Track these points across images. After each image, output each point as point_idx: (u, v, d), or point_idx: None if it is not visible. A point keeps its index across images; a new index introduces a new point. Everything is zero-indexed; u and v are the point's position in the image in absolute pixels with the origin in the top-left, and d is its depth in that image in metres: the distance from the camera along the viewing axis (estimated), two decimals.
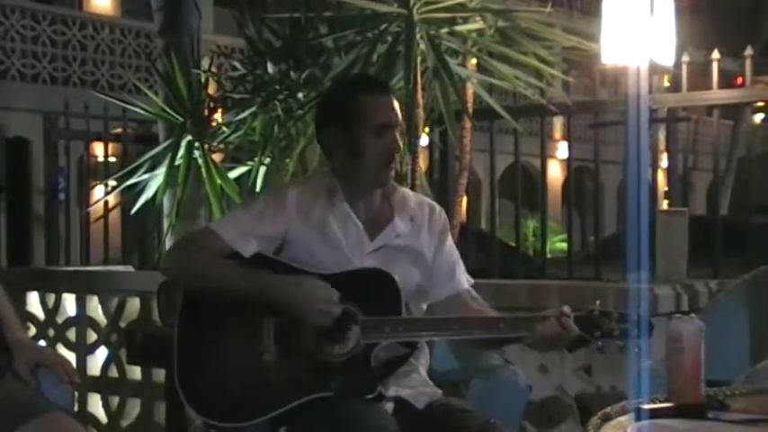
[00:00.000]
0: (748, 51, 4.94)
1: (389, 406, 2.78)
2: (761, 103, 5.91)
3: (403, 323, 2.73)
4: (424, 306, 2.97)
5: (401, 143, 2.91)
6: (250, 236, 2.83)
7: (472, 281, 3.04)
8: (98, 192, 7.07)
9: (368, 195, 2.92)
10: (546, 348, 2.81)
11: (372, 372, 2.71)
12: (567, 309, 2.70)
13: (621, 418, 2.39)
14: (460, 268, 3.02)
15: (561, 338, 2.69)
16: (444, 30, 4.81)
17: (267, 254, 2.84)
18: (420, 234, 2.94)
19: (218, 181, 5.51)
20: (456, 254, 3.04)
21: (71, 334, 5.79)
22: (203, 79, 5.86)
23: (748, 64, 4.93)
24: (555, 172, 20.26)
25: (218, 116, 5.78)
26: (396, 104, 2.91)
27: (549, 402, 4.39)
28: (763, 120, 25.84)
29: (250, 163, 5.44)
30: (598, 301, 2.74)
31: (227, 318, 2.78)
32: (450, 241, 3.03)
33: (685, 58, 5.04)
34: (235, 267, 2.78)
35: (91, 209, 6.59)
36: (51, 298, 5.90)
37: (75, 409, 4.52)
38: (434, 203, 3.06)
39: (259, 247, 2.83)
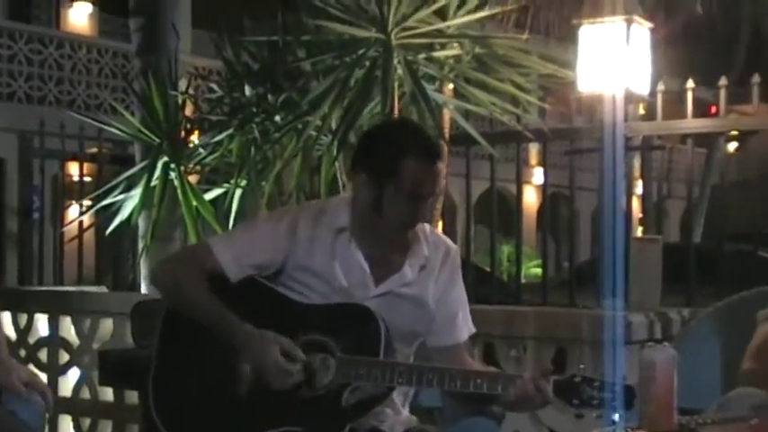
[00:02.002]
0: (722, 81, 4.98)
1: None
2: (734, 132, 5.97)
3: (379, 366, 2.65)
4: (415, 347, 2.90)
5: (431, 211, 2.82)
6: (244, 263, 2.80)
7: (474, 330, 2.97)
8: (73, 212, 7.04)
9: (378, 241, 2.82)
10: (517, 409, 2.70)
11: (342, 411, 2.65)
12: (547, 371, 2.62)
13: None
14: (464, 315, 2.94)
15: (534, 402, 2.60)
16: (422, 55, 4.84)
17: (259, 277, 2.82)
18: (428, 284, 2.85)
19: (194, 203, 5.50)
20: (462, 299, 2.95)
21: (43, 354, 5.75)
22: (180, 101, 5.85)
23: (722, 94, 4.97)
24: (530, 198, 20.32)
25: (194, 138, 5.77)
26: (441, 171, 2.78)
27: None
28: (737, 148, 26.04)
29: (226, 185, 5.43)
30: (582, 366, 2.66)
31: (204, 342, 2.76)
32: (458, 287, 2.93)
33: (660, 87, 5.07)
34: (210, 308, 2.73)
35: (65, 229, 6.55)
36: (23, 318, 5.86)
37: (46, 430, 4.48)
38: (450, 245, 2.95)
39: (252, 273, 2.80)
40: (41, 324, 5.81)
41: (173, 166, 5.56)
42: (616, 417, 2.50)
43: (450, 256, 2.92)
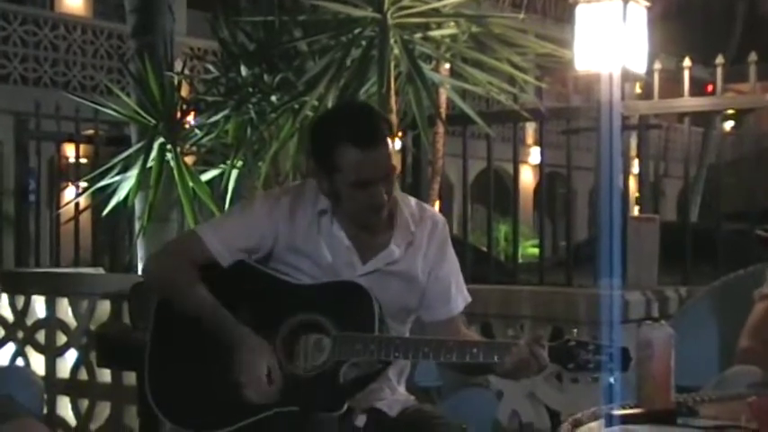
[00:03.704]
0: (719, 60, 4.98)
1: (362, 418, 2.77)
2: (731, 111, 5.96)
3: (375, 341, 2.66)
4: (410, 324, 2.90)
5: (387, 193, 2.71)
6: (234, 248, 2.79)
7: (469, 299, 2.97)
8: (69, 193, 7.03)
9: (360, 222, 2.80)
10: (515, 376, 2.71)
11: (341, 388, 2.66)
12: (540, 336, 2.63)
13: (592, 424, 2.40)
14: (458, 286, 2.93)
15: (530, 366, 2.59)
16: (418, 35, 4.82)
17: (250, 261, 2.81)
18: (416, 258, 2.84)
19: (191, 184, 5.49)
20: (455, 271, 2.94)
21: (40, 336, 5.75)
22: (176, 81, 5.84)
23: (719, 72, 4.96)
24: (527, 177, 20.33)
25: (190, 119, 5.75)
26: (385, 153, 2.70)
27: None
28: (733, 127, 26.04)
29: (222, 166, 5.42)
30: (575, 330, 2.68)
31: (199, 325, 2.76)
32: (449, 257, 2.91)
33: (657, 66, 5.07)
34: (207, 301, 2.74)
35: (61, 210, 6.54)
36: (21, 300, 5.86)
37: (45, 411, 4.50)
38: (437, 217, 2.93)
39: (243, 257, 2.80)
40: (39, 306, 5.81)
41: (169, 147, 5.55)
42: (612, 380, 2.53)
43: (438, 229, 2.90)
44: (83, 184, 6.26)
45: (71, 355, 5.64)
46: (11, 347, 5.85)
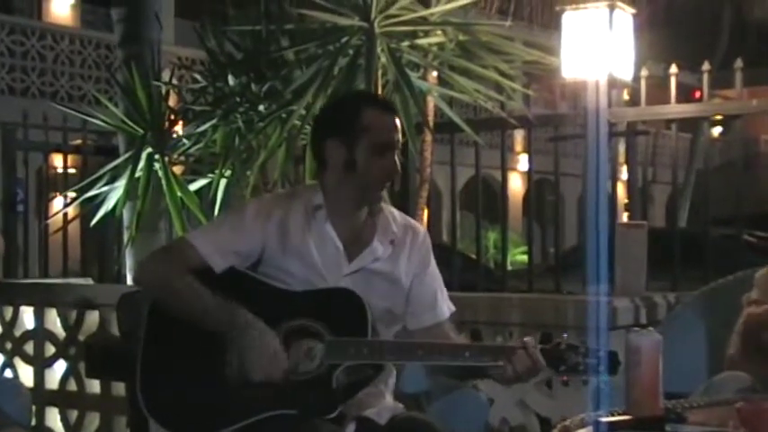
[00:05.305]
0: (705, 66, 4.99)
1: (351, 426, 2.77)
2: (718, 117, 5.98)
3: (368, 345, 2.69)
4: (395, 329, 2.93)
5: (399, 165, 2.89)
6: (227, 251, 2.82)
7: (453, 308, 3.01)
8: (57, 204, 7.01)
9: (353, 214, 2.89)
10: (514, 381, 2.74)
11: (334, 392, 2.69)
12: (529, 340, 2.67)
13: (581, 431, 2.41)
14: (443, 295, 3.00)
15: (531, 372, 2.66)
16: (405, 43, 4.83)
17: (241, 267, 2.84)
18: (399, 260, 2.91)
19: (179, 193, 5.48)
20: (439, 280, 3.01)
21: (29, 347, 5.73)
22: (164, 91, 5.83)
23: (706, 78, 4.98)
24: (516, 184, 20.33)
25: (178, 128, 5.75)
26: (399, 125, 2.90)
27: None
28: (721, 133, 26.12)
29: (211, 175, 5.42)
30: (566, 334, 2.71)
31: (192, 330, 2.76)
32: (432, 267, 2.99)
33: (644, 72, 5.08)
34: (205, 296, 2.74)
35: (50, 221, 6.53)
36: (9, 311, 5.83)
37: (33, 423, 4.49)
38: (419, 227, 3.03)
39: (235, 262, 2.83)
40: (27, 317, 5.78)
41: (157, 156, 5.54)
42: (601, 385, 2.55)
43: (420, 238, 2.98)
44: (71, 195, 6.24)
45: (60, 366, 5.62)
46: None
